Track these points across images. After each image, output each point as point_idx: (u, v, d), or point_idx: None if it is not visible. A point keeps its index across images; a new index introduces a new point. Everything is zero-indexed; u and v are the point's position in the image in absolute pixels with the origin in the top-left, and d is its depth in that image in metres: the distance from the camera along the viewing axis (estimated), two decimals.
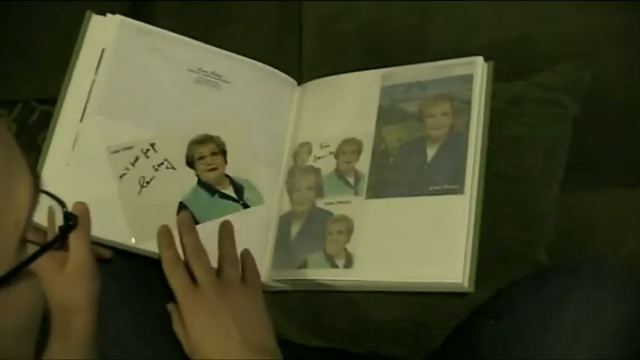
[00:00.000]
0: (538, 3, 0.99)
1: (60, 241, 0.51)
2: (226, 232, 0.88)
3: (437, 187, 0.83)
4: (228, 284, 0.84)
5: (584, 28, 0.98)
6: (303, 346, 0.93)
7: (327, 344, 0.91)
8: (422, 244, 0.81)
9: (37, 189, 0.47)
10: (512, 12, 1.00)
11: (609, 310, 0.71)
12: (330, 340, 0.91)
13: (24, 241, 0.46)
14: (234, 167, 0.92)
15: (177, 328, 0.84)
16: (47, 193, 0.50)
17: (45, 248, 0.47)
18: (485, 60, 0.88)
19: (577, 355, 0.69)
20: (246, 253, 0.88)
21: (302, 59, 1.11)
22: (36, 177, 0.47)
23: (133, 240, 0.86)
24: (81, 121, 0.88)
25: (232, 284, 0.84)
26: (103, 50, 0.90)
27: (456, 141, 0.84)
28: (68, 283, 0.80)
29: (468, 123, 0.85)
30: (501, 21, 1.00)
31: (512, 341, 0.72)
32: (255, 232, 0.91)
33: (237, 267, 0.86)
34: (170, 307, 0.85)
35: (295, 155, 0.94)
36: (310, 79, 0.99)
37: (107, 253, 0.87)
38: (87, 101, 0.88)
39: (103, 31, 0.91)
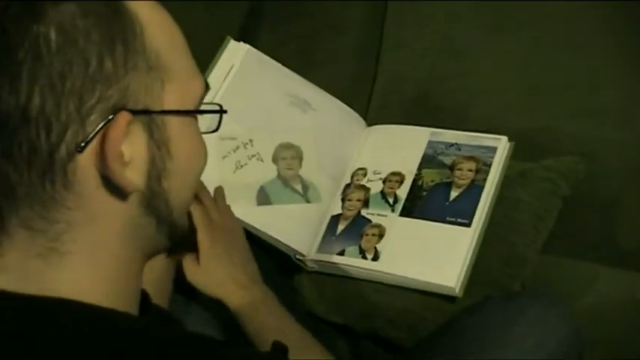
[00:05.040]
0: (564, 105, 1.28)
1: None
2: (219, 194, 1.10)
3: (452, 219, 1.12)
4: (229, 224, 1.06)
5: (594, 136, 1.26)
6: (324, 321, 1.20)
7: (344, 321, 1.18)
8: (432, 253, 1.10)
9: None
10: (539, 107, 1.29)
11: (558, 324, 0.97)
12: (347, 317, 1.18)
13: None
14: (306, 171, 1.21)
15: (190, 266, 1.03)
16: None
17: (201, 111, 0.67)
18: (509, 141, 1.18)
19: (524, 346, 0.96)
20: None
21: (369, 109, 1.40)
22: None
23: None
24: None
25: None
26: (231, 67, 1.21)
27: (474, 190, 1.14)
28: None
29: (485, 180, 1.14)
30: (528, 113, 1.29)
31: (478, 331, 0.99)
32: (310, 222, 1.20)
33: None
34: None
35: (353, 175, 1.23)
36: (376, 123, 1.29)
37: None
38: (212, 99, 1.18)
39: (234, 53, 1.22)
